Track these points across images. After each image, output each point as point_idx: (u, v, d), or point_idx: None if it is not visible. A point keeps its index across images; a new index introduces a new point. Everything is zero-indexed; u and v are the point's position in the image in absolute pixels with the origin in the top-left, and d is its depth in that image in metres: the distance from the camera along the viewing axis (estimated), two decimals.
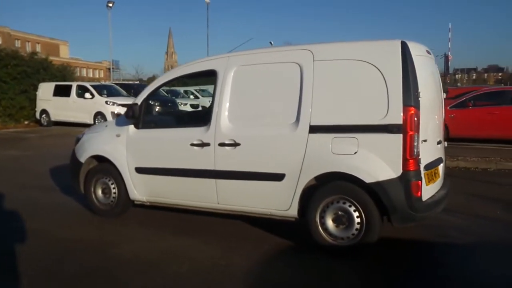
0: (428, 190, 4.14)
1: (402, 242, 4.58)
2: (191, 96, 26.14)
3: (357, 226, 4.01)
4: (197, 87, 28.37)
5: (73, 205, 6.14)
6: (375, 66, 3.92)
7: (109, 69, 51.52)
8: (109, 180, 5.46)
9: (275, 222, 4.63)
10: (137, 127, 5.17)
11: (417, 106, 3.83)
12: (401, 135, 3.79)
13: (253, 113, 4.50)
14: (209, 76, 4.85)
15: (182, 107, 22.32)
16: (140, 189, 5.21)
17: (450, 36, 41.90)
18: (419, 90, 3.86)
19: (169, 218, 5.44)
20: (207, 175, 4.69)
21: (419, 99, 3.85)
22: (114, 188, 5.42)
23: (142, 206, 5.45)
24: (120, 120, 5.46)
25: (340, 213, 4.08)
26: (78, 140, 5.89)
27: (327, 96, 4.12)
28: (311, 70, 4.19)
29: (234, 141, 4.48)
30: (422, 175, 3.96)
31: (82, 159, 5.61)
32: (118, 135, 5.31)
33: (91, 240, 4.68)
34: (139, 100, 5.21)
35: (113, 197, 5.45)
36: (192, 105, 23.02)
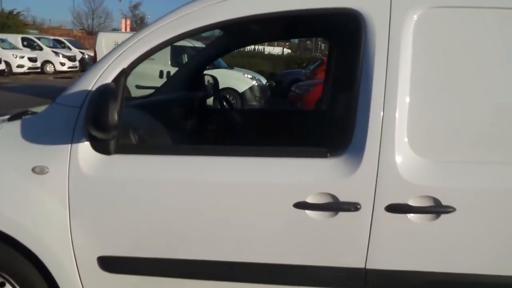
0: None
1: None
2: None
3: None
4: None
5: None
6: None
7: None
8: None
9: None
10: (105, 150, 1.83)
11: None
12: None
13: (487, 129, 1.81)
14: (336, 23, 1.90)
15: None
16: None
17: None
18: None
19: None
20: (343, 281, 1.86)
21: None
22: None
23: None
24: (35, 125, 1.96)
25: None
26: None
27: None
28: None
29: (439, 202, 1.75)
30: None
31: None
32: (37, 171, 1.85)
33: None
34: (110, 70, 1.86)
35: None
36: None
